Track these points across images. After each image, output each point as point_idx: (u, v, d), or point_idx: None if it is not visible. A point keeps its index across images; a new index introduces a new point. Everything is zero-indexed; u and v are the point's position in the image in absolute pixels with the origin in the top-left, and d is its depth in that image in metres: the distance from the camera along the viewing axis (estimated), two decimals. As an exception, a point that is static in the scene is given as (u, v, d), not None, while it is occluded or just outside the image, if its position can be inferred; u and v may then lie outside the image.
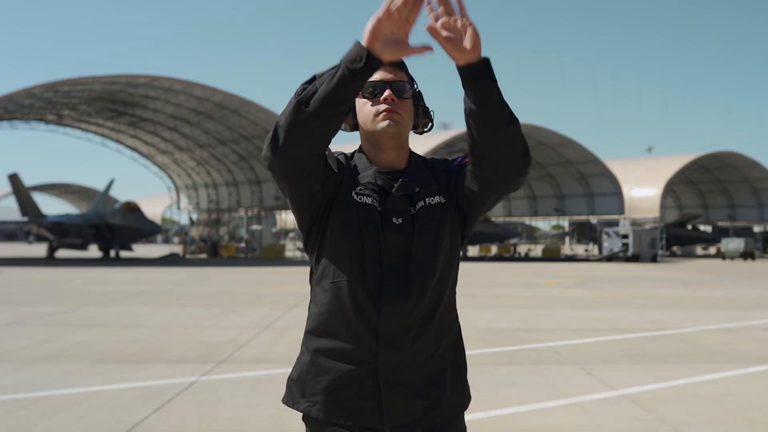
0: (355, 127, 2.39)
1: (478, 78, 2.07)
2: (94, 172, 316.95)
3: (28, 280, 25.95)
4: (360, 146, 2.44)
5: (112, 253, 48.10)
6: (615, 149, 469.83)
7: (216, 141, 52.98)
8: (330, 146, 2.25)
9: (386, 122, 2.27)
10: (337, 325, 2.27)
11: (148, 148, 59.39)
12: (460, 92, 2.13)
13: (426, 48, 2.05)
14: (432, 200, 2.35)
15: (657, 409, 6.83)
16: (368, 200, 2.30)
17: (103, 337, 11.19)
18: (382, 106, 2.28)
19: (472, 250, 64.62)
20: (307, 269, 2.52)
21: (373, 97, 2.30)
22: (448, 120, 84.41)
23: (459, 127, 57.40)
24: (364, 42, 2.00)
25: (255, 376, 8.21)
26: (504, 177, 2.24)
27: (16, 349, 9.91)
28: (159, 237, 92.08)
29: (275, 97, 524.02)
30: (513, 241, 66.49)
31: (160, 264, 41.78)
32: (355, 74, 2.01)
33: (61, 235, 48.98)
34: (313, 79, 2.09)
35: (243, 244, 57.98)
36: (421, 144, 52.36)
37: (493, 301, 18.09)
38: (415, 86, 2.38)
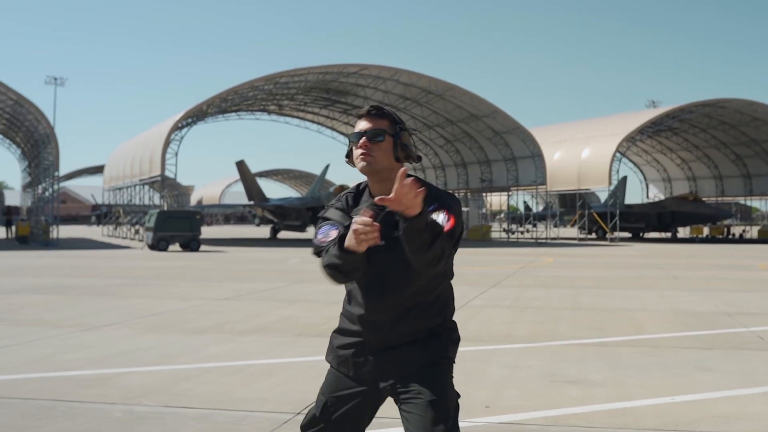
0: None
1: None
2: (312, 157, 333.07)
3: (250, 259, 28.05)
4: None
5: (328, 235, 50.21)
6: None
7: (422, 125, 53.92)
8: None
9: (362, 163, 3.04)
10: (347, 313, 3.21)
11: (359, 135, 61.64)
12: (671, 69, 2.20)
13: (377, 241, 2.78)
14: None
15: None
16: None
17: (308, 312, 11.93)
18: (360, 150, 3.04)
19: (682, 231, 61.09)
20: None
21: (356, 143, 3.07)
22: (658, 98, 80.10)
23: (668, 104, 54.41)
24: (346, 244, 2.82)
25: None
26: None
27: (230, 322, 10.84)
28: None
29: (479, 80, 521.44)
30: (726, 221, 62.18)
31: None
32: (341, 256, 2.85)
33: (282, 217, 52.15)
34: (324, 219, 3.10)
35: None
36: (627, 122, 50.45)
37: (699, 284, 17.26)
38: (398, 128, 3.06)
